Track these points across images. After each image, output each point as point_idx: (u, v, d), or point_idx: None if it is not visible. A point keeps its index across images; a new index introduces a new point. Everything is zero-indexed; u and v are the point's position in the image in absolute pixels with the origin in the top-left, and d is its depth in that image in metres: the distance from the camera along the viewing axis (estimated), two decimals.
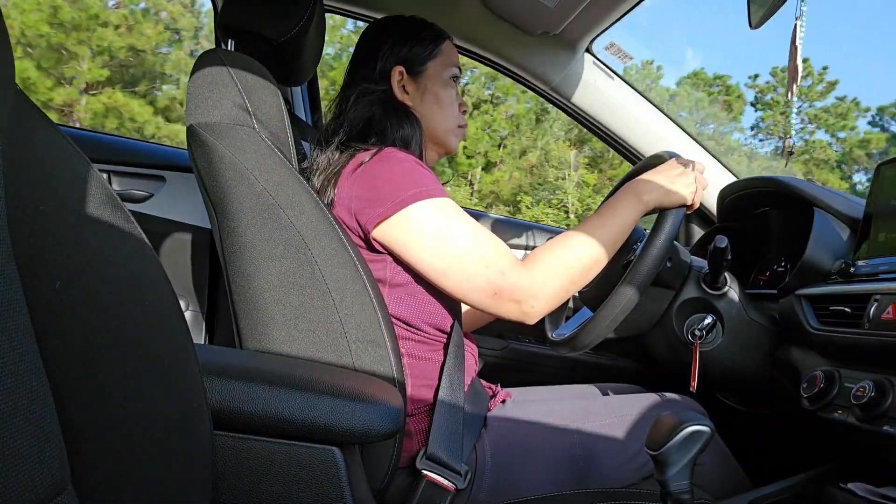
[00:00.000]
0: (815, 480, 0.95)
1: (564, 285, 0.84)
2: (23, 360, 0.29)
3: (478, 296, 0.83)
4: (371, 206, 0.83)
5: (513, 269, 0.82)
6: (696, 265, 1.08)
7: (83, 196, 0.39)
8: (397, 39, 0.98)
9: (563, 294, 0.85)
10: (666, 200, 0.91)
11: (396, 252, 0.84)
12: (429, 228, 0.81)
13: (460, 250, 0.82)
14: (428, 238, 0.81)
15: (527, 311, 0.83)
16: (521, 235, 1.59)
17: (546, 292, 0.83)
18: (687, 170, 0.93)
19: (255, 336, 0.83)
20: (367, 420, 0.63)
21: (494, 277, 0.81)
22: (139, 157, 1.44)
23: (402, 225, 0.82)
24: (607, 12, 1.30)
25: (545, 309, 0.84)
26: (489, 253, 0.82)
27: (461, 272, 0.82)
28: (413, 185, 0.82)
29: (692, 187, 0.92)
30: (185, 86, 0.88)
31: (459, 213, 0.84)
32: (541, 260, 0.84)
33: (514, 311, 0.83)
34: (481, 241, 0.83)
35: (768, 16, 0.88)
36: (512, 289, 0.81)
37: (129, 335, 0.40)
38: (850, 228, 1.09)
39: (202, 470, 0.48)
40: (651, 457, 0.74)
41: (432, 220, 0.82)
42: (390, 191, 0.82)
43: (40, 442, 0.29)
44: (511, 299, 0.82)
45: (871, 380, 0.84)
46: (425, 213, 0.82)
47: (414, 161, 0.86)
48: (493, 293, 0.82)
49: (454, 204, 0.85)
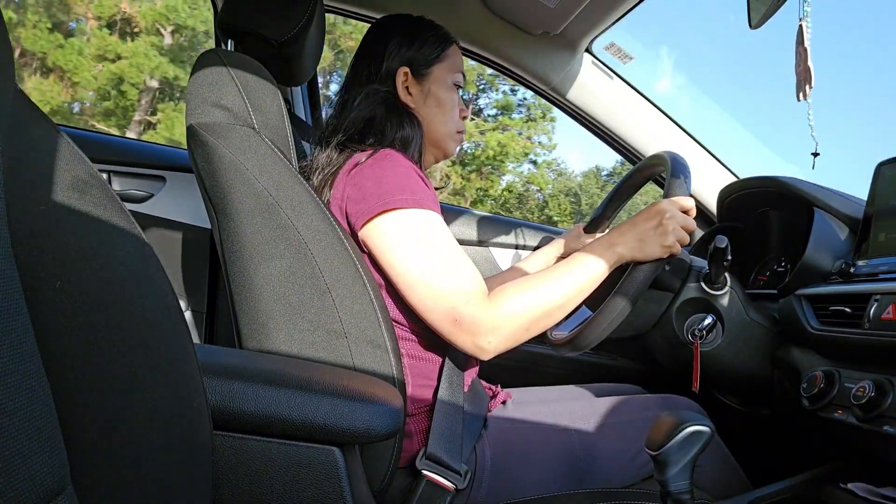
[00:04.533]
0: (815, 480, 0.95)
1: (525, 326, 0.81)
2: (23, 361, 0.29)
3: (437, 318, 0.80)
4: (359, 205, 0.83)
5: (479, 301, 0.80)
6: (696, 265, 1.08)
7: (83, 196, 0.39)
8: (404, 40, 0.98)
9: (521, 335, 0.82)
10: (640, 255, 0.88)
11: (374, 254, 0.83)
12: (408, 238, 0.80)
13: (434, 268, 0.80)
14: (406, 248, 0.80)
15: (482, 346, 0.80)
16: (510, 233, 1.59)
17: (505, 331, 0.80)
18: (667, 222, 0.88)
19: (254, 336, 0.83)
20: (367, 420, 0.63)
21: (459, 305, 0.79)
22: (139, 157, 1.44)
23: (383, 228, 0.81)
24: (607, 12, 1.30)
25: (501, 347, 0.81)
26: (461, 279, 0.80)
27: (428, 291, 0.80)
28: (403, 191, 0.81)
29: (669, 240, 0.87)
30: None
31: (444, 230, 0.83)
32: (507, 298, 0.81)
33: (468, 344, 0.80)
34: (458, 265, 0.81)
35: (768, 16, 0.88)
36: (472, 321, 0.79)
37: (129, 335, 0.40)
38: (849, 228, 1.09)
39: (202, 470, 0.48)
40: (651, 457, 0.74)
41: (415, 232, 0.81)
42: (379, 192, 0.82)
43: (40, 442, 0.29)
44: (469, 331, 0.79)
45: (871, 380, 0.84)
46: (409, 222, 0.81)
47: (411, 168, 0.85)
48: (452, 320, 0.79)
49: (441, 221, 0.84)
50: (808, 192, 1.15)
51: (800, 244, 1.10)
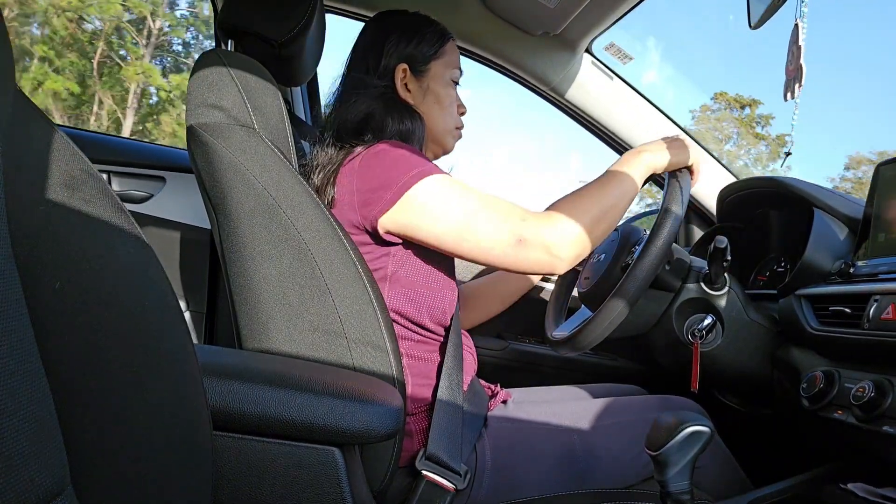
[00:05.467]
0: (815, 480, 0.95)
1: (587, 228, 0.83)
2: (23, 361, 0.29)
3: (502, 249, 0.81)
4: (375, 195, 0.83)
5: (532, 216, 0.82)
6: (695, 265, 1.08)
7: (83, 196, 0.39)
8: (402, 36, 0.98)
9: (586, 239, 0.83)
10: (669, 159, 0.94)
11: (409, 234, 0.84)
12: (437, 200, 0.82)
13: (473, 212, 0.81)
14: (438, 210, 0.81)
15: (556, 255, 0.81)
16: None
17: (571, 235, 0.82)
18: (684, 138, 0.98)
19: (254, 336, 0.83)
20: (367, 420, 0.63)
21: (516, 226, 0.80)
22: (139, 158, 1.44)
23: (409, 206, 0.82)
24: (607, 13, 1.30)
25: (572, 254, 0.82)
26: (503, 207, 0.82)
27: (479, 231, 0.81)
28: (411, 167, 0.83)
29: (691, 151, 0.96)
30: None
31: (461, 183, 0.84)
32: (557, 208, 0.84)
33: (542, 259, 0.81)
34: (492, 199, 0.83)
35: (768, 15, 0.88)
36: (535, 233, 0.80)
37: (129, 335, 0.40)
38: (849, 228, 1.09)
39: (202, 470, 0.48)
40: (651, 457, 0.74)
41: (438, 194, 0.82)
42: (391, 177, 0.82)
43: (40, 442, 0.29)
44: (537, 245, 0.80)
45: (871, 380, 0.84)
46: (430, 189, 0.82)
47: (407, 147, 0.87)
48: (517, 241, 0.80)
49: (454, 178, 0.85)
50: (808, 192, 1.15)
51: (800, 244, 1.10)
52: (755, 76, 25.13)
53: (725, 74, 28.94)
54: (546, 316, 1.25)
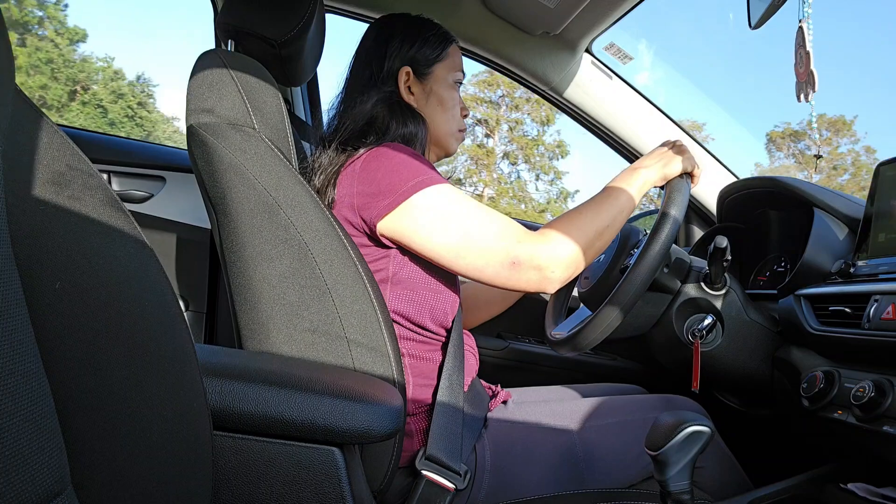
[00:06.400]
0: (815, 480, 0.95)
1: (583, 248, 0.83)
2: (23, 361, 0.29)
3: (495, 270, 0.81)
4: (374, 200, 0.83)
5: (527, 237, 0.82)
6: (695, 265, 1.08)
7: (83, 196, 0.39)
8: (405, 40, 0.98)
9: (580, 259, 0.84)
10: (665, 172, 0.94)
11: (405, 243, 0.84)
12: (435, 213, 0.81)
13: (470, 228, 0.81)
14: (436, 222, 0.81)
15: (547, 277, 0.81)
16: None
17: (565, 257, 0.82)
18: (680, 145, 0.98)
19: (255, 336, 0.83)
20: (367, 420, 0.63)
21: (511, 247, 0.81)
22: (139, 158, 1.44)
23: (408, 214, 0.82)
24: (607, 13, 1.30)
25: (565, 275, 0.83)
26: (500, 226, 0.82)
27: (475, 248, 0.81)
28: (413, 175, 0.82)
29: (688, 159, 0.96)
30: None
31: (461, 195, 0.84)
32: (553, 228, 0.84)
33: (533, 279, 0.82)
34: (489, 216, 0.83)
35: (768, 16, 0.88)
36: (529, 255, 0.81)
37: (129, 335, 0.40)
38: (849, 229, 1.09)
39: (202, 470, 0.48)
40: (651, 457, 0.74)
41: (437, 205, 0.82)
42: (392, 183, 0.82)
43: (40, 442, 0.29)
44: (530, 266, 0.81)
45: (871, 380, 0.84)
46: (429, 199, 0.82)
47: (410, 152, 0.86)
48: (510, 263, 0.81)
49: (455, 188, 0.85)
50: (808, 192, 1.15)
51: (800, 244, 1.10)
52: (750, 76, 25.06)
53: (725, 74, 28.91)
54: (546, 316, 1.25)
